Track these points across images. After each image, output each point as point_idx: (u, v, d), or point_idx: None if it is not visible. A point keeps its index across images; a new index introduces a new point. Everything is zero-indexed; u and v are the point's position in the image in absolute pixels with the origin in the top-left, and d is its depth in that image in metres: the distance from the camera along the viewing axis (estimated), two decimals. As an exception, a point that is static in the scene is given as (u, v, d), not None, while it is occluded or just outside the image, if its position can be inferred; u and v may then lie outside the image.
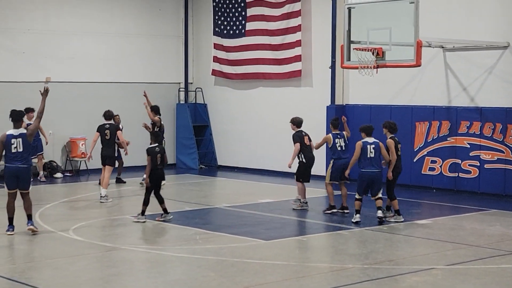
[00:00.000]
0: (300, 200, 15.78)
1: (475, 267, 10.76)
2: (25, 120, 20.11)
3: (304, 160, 15.61)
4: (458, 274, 10.39)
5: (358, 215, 13.93)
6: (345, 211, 15.14)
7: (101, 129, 16.99)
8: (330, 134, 15.43)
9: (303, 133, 15.71)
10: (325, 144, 15.75)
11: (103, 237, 12.86)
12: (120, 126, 18.49)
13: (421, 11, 14.89)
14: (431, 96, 18.64)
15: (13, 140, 12.83)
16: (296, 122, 15.80)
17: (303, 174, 15.67)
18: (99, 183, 18.46)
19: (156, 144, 14.31)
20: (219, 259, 11.21)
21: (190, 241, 12.52)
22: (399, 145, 14.53)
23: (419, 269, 10.62)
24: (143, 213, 14.02)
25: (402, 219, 14.17)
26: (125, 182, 19.30)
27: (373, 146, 14.02)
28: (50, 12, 21.59)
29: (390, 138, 14.38)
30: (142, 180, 17.37)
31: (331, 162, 15.35)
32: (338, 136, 15.32)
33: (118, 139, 16.94)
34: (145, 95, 19.32)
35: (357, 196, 14.03)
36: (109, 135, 16.78)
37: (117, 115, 19.01)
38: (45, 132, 20.42)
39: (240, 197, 17.56)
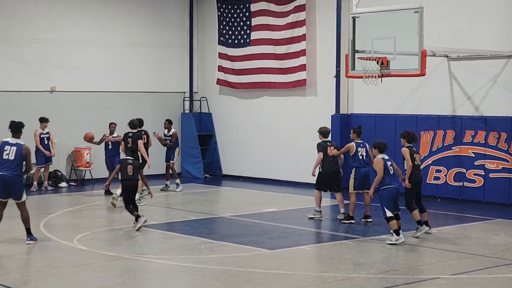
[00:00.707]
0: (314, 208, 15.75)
1: (480, 277, 10.74)
2: (39, 129, 20.34)
3: (320, 170, 15.50)
4: (463, 284, 10.37)
5: (400, 235, 13.08)
6: (368, 219, 15.10)
7: (124, 138, 17.65)
8: (353, 143, 15.33)
9: (328, 143, 15.52)
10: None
11: (108, 247, 12.86)
12: (116, 135, 19.20)
13: (425, 20, 14.90)
14: (435, 105, 18.64)
15: (6, 147, 12.79)
16: (323, 132, 15.64)
17: (320, 183, 15.60)
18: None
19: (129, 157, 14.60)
20: (223, 268, 11.21)
21: (195, 251, 12.52)
22: (415, 155, 13.95)
23: (424, 278, 10.61)
24: (136, 218, 14.18)
25: (429, 230, 13.81)
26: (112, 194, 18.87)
27: (390, 162, 13.54)
28: (55, 21, 21.66)
29: (406, 147, 14.02)
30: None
31: (353, 170, 15.24)
32: (361, 145, 15.30)
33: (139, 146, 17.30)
34: (157, 137, 19.89)
35: (390, 215, 13.10)
36: (131, 143, 17.24)
37: (114, 123, 19.26)
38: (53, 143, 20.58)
39: (244, 207, 17.56)
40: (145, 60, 23.40)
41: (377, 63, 15.26)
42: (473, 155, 17.91)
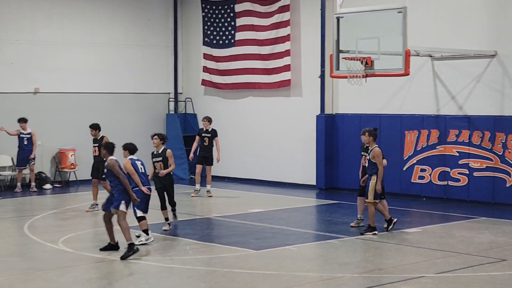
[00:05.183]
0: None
1: (464, 275, 10.79)
2: (20, 129, 20.25)
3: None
4: (447, 282, 10.41)
5: (150, 234, 13.07)
6: (394, 220, 14.22)
7: (199, 133, 19.08)
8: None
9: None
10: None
11: (92, 249, 12.79)
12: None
13: (409, 21, 14.94)
14: (420, 105, 18.71)
15: None
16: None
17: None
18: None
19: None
20: (209, 269, 11.21)
21: (180, 252, 12.51)
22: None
23: (409, 277, 10.64)
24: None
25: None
26: None
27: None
28: (38, 22, 21.55)
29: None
30: None
31: (374, 178, 13.76)
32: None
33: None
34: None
35: (140, 215, 13.03)
36: (208, 141, 18.68)
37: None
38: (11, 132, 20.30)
39: (230, 207, 17.55)
40: (129, 61, 23.33)
41: (362, 63, 15.28)
42: (457, 154, 17.99)
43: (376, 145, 13.88)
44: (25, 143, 20.34)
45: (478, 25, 17.63)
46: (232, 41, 22.75)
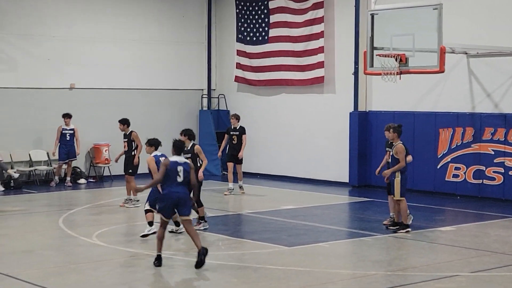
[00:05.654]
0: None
1: (499, 274, 10.65)
2: (63, 125, 20.52)
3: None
4: (482, 282, 10.29)
5: (153, 225, 12.67)
6: (408, 228, 13.82)
7: (228, 131, 19.03)
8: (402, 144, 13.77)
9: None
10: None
11: (126, 243, 12.88)
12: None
13: (444, 17, 14.81)
14: (454, 103, 18.52)
15: None
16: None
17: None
18: None
19: None
20: (242, 265, 11.20)
21: (213, 247, 12.51)
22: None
23: (443, 276, 10.53)
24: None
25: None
26: None
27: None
28: (75, 18, 21.74)
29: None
30: None
31: (398, 175, 13.63)
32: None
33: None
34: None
35: (147, 208, 12.96)
36: (236, 139, 18.70)
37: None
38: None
39: (262, 204, 17.54)
40: (164, 58, 23.43)
41: (396, 60, 15.19)
42: (493, 153, 17.77)
43: (400, 142, 13.71)
44: (68, 138, 20.59)
45: (514, 22, 17.41)
46: (266, 37, 22.72)
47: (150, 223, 12.90)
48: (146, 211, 13.00)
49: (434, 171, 18.68)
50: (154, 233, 12.46)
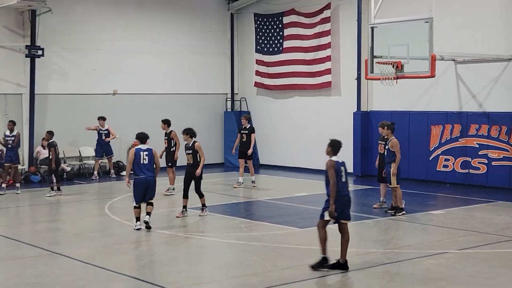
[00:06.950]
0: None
1: (484, 251, 10.63)
2: (99, 126, 20.64)
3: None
4: (469, 258, 10.27)
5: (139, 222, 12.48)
6: (403, 211, 13.85)
7: (239, 131, 18.50)
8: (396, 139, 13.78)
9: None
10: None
11: (163, 226, 12.94)
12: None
13: (435, 29, 14.75)
14: (444, 103, 18.44)
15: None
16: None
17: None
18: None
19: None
20: (261, 244, 11.24)
21: (236, 229, 12.58)
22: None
23: (434, 253, 10.52)
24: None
25: None
26: None
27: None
28: (117, 34, 21.86)
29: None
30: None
31: (393, 165, 13.62)
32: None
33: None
34: None
35: (135, 204, 12.61)
36: (246, 137, 18.19)
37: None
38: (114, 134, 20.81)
39: (279, 192, 17.55)
40: (193, 66, 23.50)
41: (393, 67, 15.15)
42: (478, 146, 17.69)
43: (394, 137, 13.73)
44: (103, 137, 20.69)
45: (496, 32, 17.29)
46: (281, 48, 22.73)
47: (138, 219, 12.49)
48: (134, 207, 12.50)
49: (427, 162, 18.63)
50: (139, 229, 12.21)
